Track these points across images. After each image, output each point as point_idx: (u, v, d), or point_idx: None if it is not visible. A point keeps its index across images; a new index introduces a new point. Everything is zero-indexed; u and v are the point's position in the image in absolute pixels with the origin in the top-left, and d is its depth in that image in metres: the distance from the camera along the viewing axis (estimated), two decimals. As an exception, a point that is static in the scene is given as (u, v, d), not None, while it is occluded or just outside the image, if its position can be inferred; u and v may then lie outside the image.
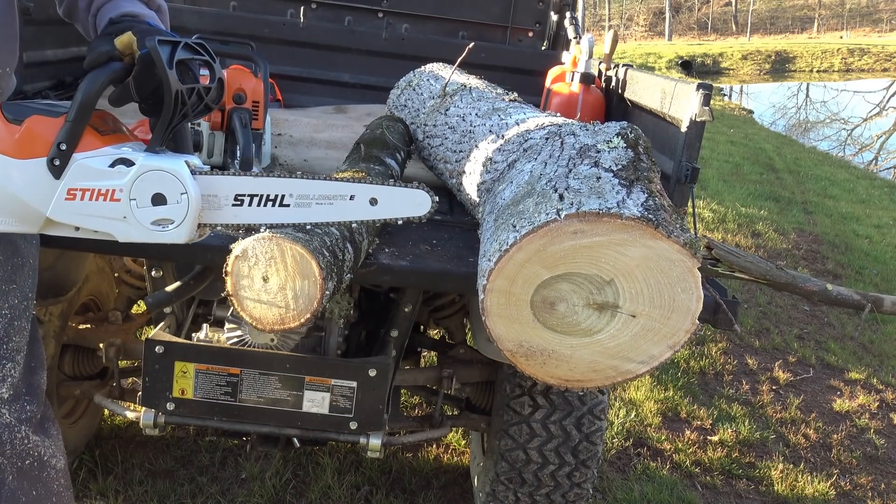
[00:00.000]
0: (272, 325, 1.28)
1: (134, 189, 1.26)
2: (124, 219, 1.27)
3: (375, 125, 2.28)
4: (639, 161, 1.34)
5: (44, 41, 2.67)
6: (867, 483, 3.39)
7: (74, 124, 1.25)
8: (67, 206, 1.27)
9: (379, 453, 2.04)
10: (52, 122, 1.26)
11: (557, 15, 3.60)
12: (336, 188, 1.32)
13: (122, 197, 1.27)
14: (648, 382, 3.90)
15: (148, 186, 1.26)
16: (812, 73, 27.82)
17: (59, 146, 1.25)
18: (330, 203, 1.32)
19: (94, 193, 1.26)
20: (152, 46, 1.25)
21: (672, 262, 1.20)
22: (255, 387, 1.95)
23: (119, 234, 1.29)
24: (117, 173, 1.27)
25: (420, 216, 1.35)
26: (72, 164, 1.26)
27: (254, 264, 1.25)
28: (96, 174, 1.26)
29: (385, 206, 1.33)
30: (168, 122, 1.30)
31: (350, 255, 1.44)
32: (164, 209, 1.27)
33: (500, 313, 1.25)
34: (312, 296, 1.25)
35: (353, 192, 1.32)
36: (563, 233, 1.19)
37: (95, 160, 1.27)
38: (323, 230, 1.38)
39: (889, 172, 13.55)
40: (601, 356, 1.26)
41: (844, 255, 6.70)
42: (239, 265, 1.25)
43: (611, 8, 44.29)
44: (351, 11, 3.45)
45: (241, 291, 1.26)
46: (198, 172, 1.30)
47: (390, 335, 2.14)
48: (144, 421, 2.00)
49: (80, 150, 1.26)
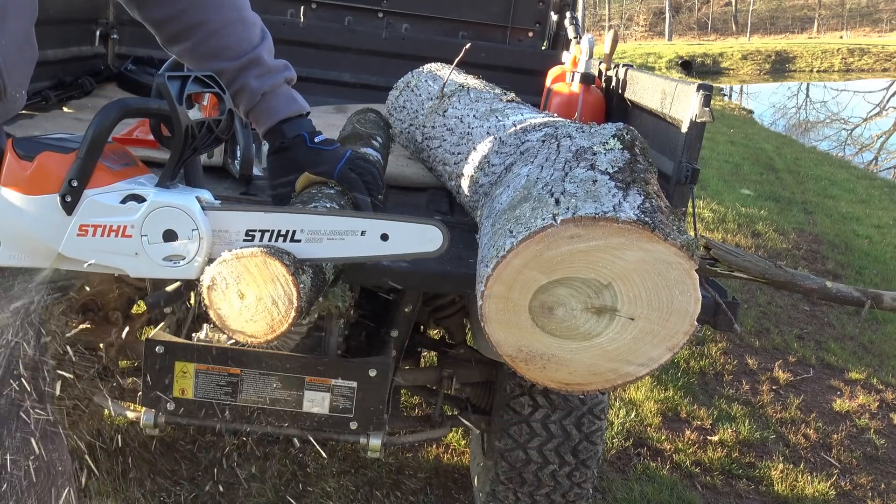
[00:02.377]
0: (265, 335, 1.29)
1: (145, 225, 1.27)
2: (136, 255, 1.28)
3: (346, 124, 2.28)
4: (635, 163, 1.34)
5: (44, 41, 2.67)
6: (867, 483, 3.39)
7: (85, 161, 1.25)
8: (79, 242, 1.27)
9: (379, 453, 2.05)
10: (63, 158, 1.26)
11: (557, 15, 3.60)
12: (347, 224, 1.32)
13: (133, 233, 1.27)
14: (648, 383, 3.90)
15: (159, 223, 1.27)
16: (812, 73, 27.80)
17: (70, 183, 1.25)
18: (341, 238, 1.32)
19: (105, 229, 1.27)
20: (161, 83, 1.26)
21: (669, 264, 1.20)
22: (255, 387, 1.95)
23: (130, 270, 1.30)
24: (128, 209, 1.27)
25: (432, 252, 1.34)
26: (83, 200, 1.26)
27: (226, 288, 1.26)
28: (108, 210, 1.27)
29: (396, 242, 1.33)
30: (178, 156, 1.30)
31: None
32: (175, 245, 1.28)
33: (499, 319, 1.25)
34: (289, 294, 1.26)
35: (365, 227, 1.32)
36: (559, 238, 1.19)
37: (107, 196, 1.27)
38: None
39: (889, 172, 13.55)
40: (601, 359, 1.26)
41: (844, 255, 6.70)
42: (213, 295, 1.26)
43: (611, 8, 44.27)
44: (351, 11, 3.45)
45: (226, 320, 1.27)
46: (209, 208, 1.30)
47: (390, 335, 2.15)
48: (144, 421, 2.00)
49: (92, 186, 1.26)
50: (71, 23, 3.06)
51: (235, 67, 1.60)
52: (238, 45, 1.60)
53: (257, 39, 1.64)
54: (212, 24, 1.58)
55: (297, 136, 1.65)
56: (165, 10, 1.55)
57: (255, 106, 1.64)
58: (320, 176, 1.65)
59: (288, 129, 1.65)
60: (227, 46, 1.59)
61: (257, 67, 1.62)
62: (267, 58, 1.65)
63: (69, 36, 3.03)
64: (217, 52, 1.59)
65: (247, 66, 1.61)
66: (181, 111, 1.27)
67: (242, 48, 1.60)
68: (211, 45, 1.59)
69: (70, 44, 3.01)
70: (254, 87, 1.62)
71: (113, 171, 1.29)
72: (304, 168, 1.64)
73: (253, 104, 1.64)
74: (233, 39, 1.60)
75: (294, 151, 1.64)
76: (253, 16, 1.66)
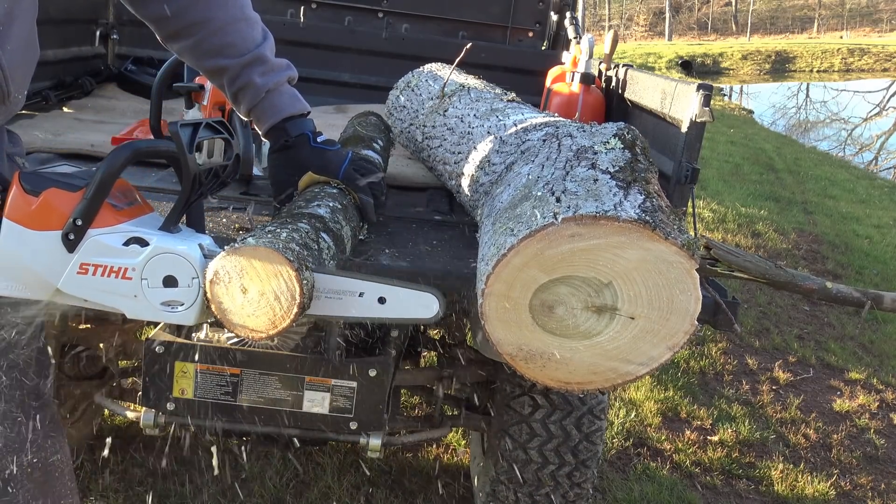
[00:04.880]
0: (267, 330, 1.29)
1: (146, 269, 1.27)
2: (135, 297, 1.28)
3: (347, 126, 2.29)
4: (636, 162, 1.34)
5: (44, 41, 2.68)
6: (867, 483, 3.39)
7: (91, 201, 1.25)
8: (79, 279, 1.27)
9: (379, 453, 2.05)
10: (69, 196, 1.26)
11: (557, 15, 3.60)
12: (346, 284, 1.34)
13: (133, 276, 1.27)
14: (648, 382, 3.90)
15: (160, 268, 1.27)
16: (812, 73, 27.82)
17: (74, 221, 1.25)
18: (339, 298, 1.34)
19: (106, 270, 1.27)
20: (174, 131, 1.27)
21: (670, 263, 1.20)
22: (255, 387, 1.95)
23: (128, 311, 1.30)
24: (131, 252, 1.27)
25: (428, 319, 1.36)
26: (86, 239, 1.26)
27: (228, 282, 1.26)
28: (110, 251, 1.27)
29: (393, 306, 1.34)
30: (184, 202, 1.32)
31: (328, 243, 1.45)
32: (174, 291, 1.28)
33: (499, 317, 1.25)
34: (292, 289, 1.26)
35: (363, 289, 1.34)
36: (560, 236, 1.19)
37: (110, 237, 1.27)
38: (291, 227, 1.39)
39: (889, 172, 13.55)
40: (601, 358, 1.26)
41: (844, 255, 6.70)
42: (216, 289, 1.26)
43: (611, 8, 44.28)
44: (351, 11, 3.45)
45: (228, 314, 1.28)
46: (210, 256, 1.31)
47: (390, 335, 2.15)
48: (144, 421, 2.00)
49: (96, 226, 1.27)
50: (71, 23, 3.06)
51: (239, 64, 1.60)
52: (242, 43, 1.59)
53: (260, 38, 1.63)
54: (215, 22, 1.57)
55: (301, 135, 1.65)
56: (168, 6, 1.55)
57: (258, 103, 1.63)
58: (324, 176, 1.65)
59: (291, 128, 1.64)
60: (230, 44, 1.58)
61: (261, 65, 1.62)
62: (270, 55, 1.64)
63: (69, 36, 3.03)
64: (220, 49, 1.58)
65: (251, 63, 1.60)
66: (191, 159, 1.28)
67: (246, 46, 1.60)
68: (214, 43, 1.58)
69: (70, 44, 3.01)
70: (258, 84, 1.61)
71: (117, 210, 1.30)
72: (308, 167, 1.64)
73: (256, 101, 1.63)
74: (236, 37, 1.59)
75: (298, 150, 1.64)
76: (254, 14, 1.65)
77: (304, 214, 1.47)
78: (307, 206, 1.51)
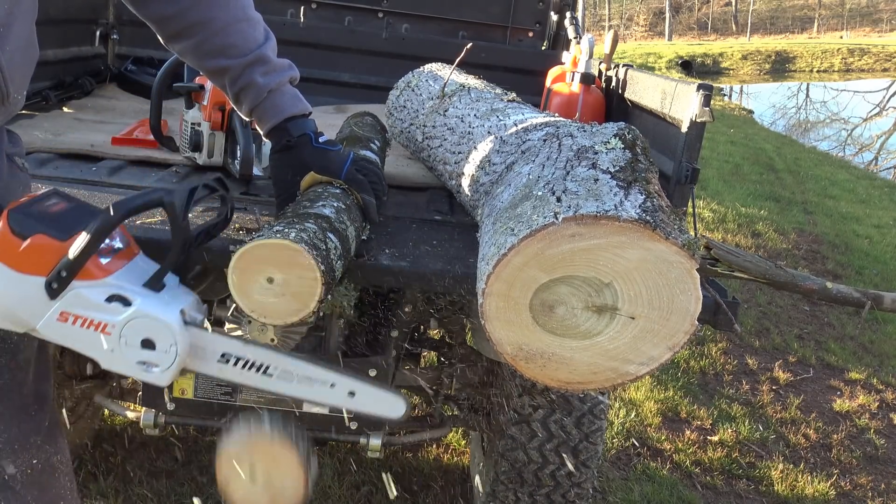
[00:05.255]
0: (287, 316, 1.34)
1: (126, 329, 1.28)
2: (112, 351, 1.29)
3: (343, 126, 2.28)
4: (637, 162, 1.33)
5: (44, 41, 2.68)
6: (867, 483, 3.39)
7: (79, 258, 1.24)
8: (57, 325, 1.28)
9: (379, 453, 2.05)
10: (56, 245, 1.25)
11: (557, 15, 3.60)
12: (318, 373, 1.37)
13: (112, 332, 1.28)
14: (648, 382, 3.90)
15: (140, 330, 1.28)
16: (812, 73, 27.82)
17: (59, 272, 1.25)
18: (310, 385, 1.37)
19: (86, 322, 1.28)
20: (169, 203, 1.27)
21: (670, 263, 1.20)
22: (255, 387, 1.95)
23: (102, 362, 1.31)
24: (112, 310, 1.28)
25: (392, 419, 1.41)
26: (69, 290, 1.26)
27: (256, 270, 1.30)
28: (91, 305, 1.27)
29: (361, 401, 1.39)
30: (173, 263, 1.32)
31: (334, 243, 1.45)
32: (151, 354, 1.29)
33: (500, 317, 1.25)
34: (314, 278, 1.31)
35: (335, 381, 1.37)
36: (560, 236, 1.18)
37: (93, 291, 1.27)
38: (298, 227, 1.40)
39: (889, 172, 13.55)
40: (601, 358, 1.26)
41: (844, 255, 6.70)
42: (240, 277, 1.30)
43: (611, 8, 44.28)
44: (351, 11, 3.45)
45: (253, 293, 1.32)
46: (191, 324, 1.32)
47: (390, 335, 2.14)
48: (144, 421, 2.00)
49: (80, 278, 1.26)
50: (71, 23, 3.06)
51: (241, 65, 1.59)
52: (243, 44, 1.58)
53: (262, 38, 1.62)
54: (217, 22, 1.56)
55: (303, 136, 1.64)
56: (169, 6, 1.54)
57: (260, 103, 1.63)
58: (327, 176, 1.64)
59: (293, 128, 1.64)
60: (232, 44, 1.58)
61: (263, 65, 1.61)
62: (272, 56, 1.63)
63: (69, 36, 3.03)
64: (222, 49, 1.58)
65: (253, 63, 1.59)
66: (184, 226, 1.29)
67: (248, 46, 1.59)
68: (215, 43, 1.57)
69: (70, 44, 3.00)
70: (260, 84, 1.60)
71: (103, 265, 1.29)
72: (310, 167, 1.63)
73: (258, 102, 1.62)
74: (238, 38, 1.58)
75: (300, 150, 1.64)
76: (257, 15, 1.64)
77: (309, 214, 1.47)
78: (312, 207, 1.51)
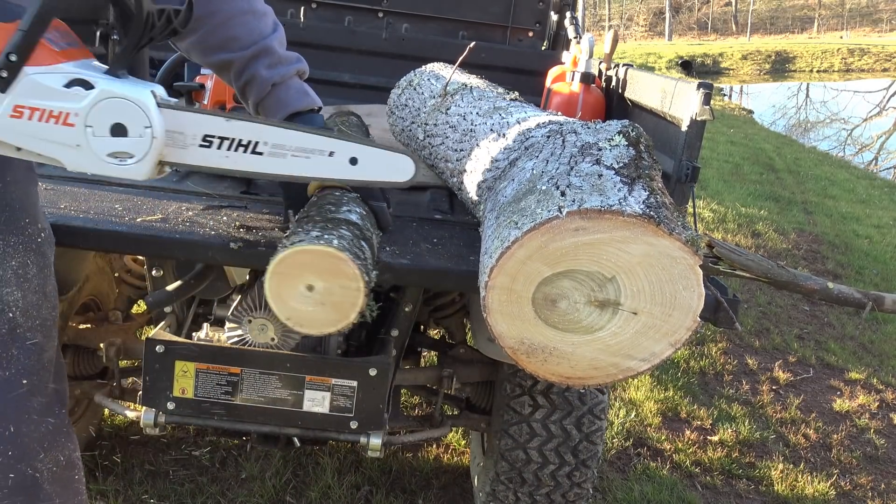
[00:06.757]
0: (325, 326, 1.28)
1: (91, 116, 1.14)
2: (77, 146, 1.15)
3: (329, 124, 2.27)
4: (640, 159, 1.33)
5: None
6: (867, 483, 3.38)
7: (28, 34, 1.10)
8: (11, 123, 1.13)
9: (379, 453, 2.04)
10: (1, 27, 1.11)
11: (557, 15, 3.60)
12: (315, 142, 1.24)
13: (76, 122, 1.14)
14: (648, 382, 3.90)
15: (108, 115, 1.14)
16: (812, 73, 27.84)
17: (7, 56, 1.10)
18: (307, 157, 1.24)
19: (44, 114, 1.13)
20: None
21: (674, 259, 1.19)
22: (256, 386, 1.94)
23: (68, 163, 1.17)
24: (74, 95, 1.14)
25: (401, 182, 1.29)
26: (21, 77, 1.12)
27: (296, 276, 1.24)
28: (49, 93, 1.13)
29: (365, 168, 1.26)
30: (135, 43, 1.18)
31: (368, 251, 1.44)
32: (123, 141, 1.15)
33: (502, 310, 1.25)
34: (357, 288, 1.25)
35: (333, 148, 1.24)
36: (564, 230, 1.18)
37: (49, 77, 1.13)
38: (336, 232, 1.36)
39: (889, 172, 13.55)
40: (602, 353, 1.26)
41: (844, 255, 6.70)
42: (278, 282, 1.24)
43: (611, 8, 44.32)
44: (351, 11, 3.45)
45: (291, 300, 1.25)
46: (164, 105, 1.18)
47: (390, 335, 2.14)
48: (145, 420, 1.99)
49: (32, 64, 1.12)
50: (71, 23, 3.05)
51: (244, 57, 1.55)
52: (247, 36, 1.55)
53: (268, 30, 1.59)
54: (220, 15, 1.53)
55: None
56: (172, 2, 1.54)
57: (265, 97, 1.59)
58: None
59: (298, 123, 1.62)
60: (235, 37, 1.54)
61: (267, 57, 1.57)
62: (278, 48, 1.59)
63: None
64: (225, 42, 1.55)
65: (256, 55, 1.56)
66: None
67: (252, 38, 1.55)
68: (219, 36, 1.54)
69: (70, 43, 3.00)
70: (264, 76, 1.56)
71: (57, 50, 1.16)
72: None
73: (262, 95, 1.58)
74: (242, 30, 1.54)
75: None
76: (264, 7, 1.60)
77: (340, 220, 1.42)
78: (338, 212, 1.46)
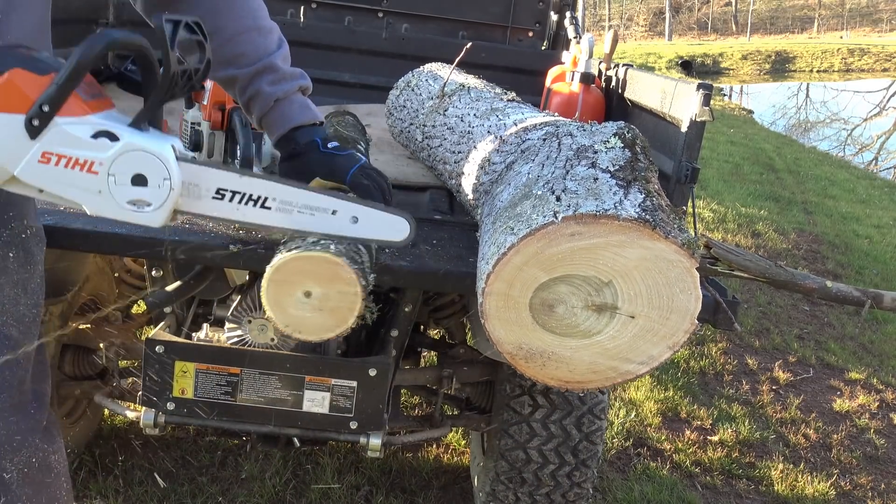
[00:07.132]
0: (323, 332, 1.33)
1: (115, 165, 1.21)
2: (99, 192, 1.22)
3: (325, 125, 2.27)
4: (636, 161, 1.34)
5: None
6: (867, 483, 3.39)
7: (62, 88, 1.17)
8: (39, 168, 1.20)
9: (379, 453, 2.05)
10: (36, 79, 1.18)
11: (557, 15, 3.60)
12: (320, 200, 1.32)
13: (100, 170, 1.21)
14: (648, 382, 3.90)
15: (130, 165, 1.21)
16: (812, 73, 27.82)
17: (41, 107, 1.17)
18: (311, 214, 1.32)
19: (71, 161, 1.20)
20: (159, 25, 1.20)
21: (670, 262, 1.20)
22: (255, 386, 1.95)
23: (89, 207, 1.24)
24: (99, 145, 1.21)
25: (398, 242, 1.36)
26: (52, 127, 1.18)
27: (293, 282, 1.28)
28: (76, 142, 1.20)
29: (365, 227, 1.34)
30: (159, 100, 1.25)
31: (365, 255, 1.45)
32: (143, 191, 1.23)
33: (500, 316, 1.25)
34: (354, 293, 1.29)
35: (337, 207, 1.32)
36: (560, 235, 1.19)
37: (78, 128, 1.20)
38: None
39: (889, 172, 13.55)
40: (601, 357, 1.26)
41: (844, 255, 6.70)
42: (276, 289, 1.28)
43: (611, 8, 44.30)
44: (351, 11, 3.45)
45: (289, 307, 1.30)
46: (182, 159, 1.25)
47: (390, 335, 2.15)
48: (144, 421, 2.00)
49: (63, 114, 1.19)
50: (71, 23, 3.06)
51: (249, 74, 1.59)
52: (252, 53, 1.59)
53: (273, 47, 1.62)
54: (226, 32, 1.56)
55: (310, 142, 1.63)
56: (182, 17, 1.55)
57: (267, 112, 1.62)
58: (332, 181, 1.63)
59: (299, 136, 1.63)
60: (241, 54, 1.58)
61: (271, 74, 1.61)
62: (281, 65, 1.63)
63: (69, 36, 3.02)
64: (231, 59, 1.58)
65: (260, 71, 1.59)
66: (173, 56, 1.21)
67: (257, 55, 1.59)
68: (225, 53, 1.57)
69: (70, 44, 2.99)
70: (267, 92, 1.60)
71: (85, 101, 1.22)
72: (316, 174, 1.61)
73: (266, 110, 1.62)
74: (248, 47, 1.58)
75: (306, 157, 1.62)
76: (270, 24, 1.64)
77: None
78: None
